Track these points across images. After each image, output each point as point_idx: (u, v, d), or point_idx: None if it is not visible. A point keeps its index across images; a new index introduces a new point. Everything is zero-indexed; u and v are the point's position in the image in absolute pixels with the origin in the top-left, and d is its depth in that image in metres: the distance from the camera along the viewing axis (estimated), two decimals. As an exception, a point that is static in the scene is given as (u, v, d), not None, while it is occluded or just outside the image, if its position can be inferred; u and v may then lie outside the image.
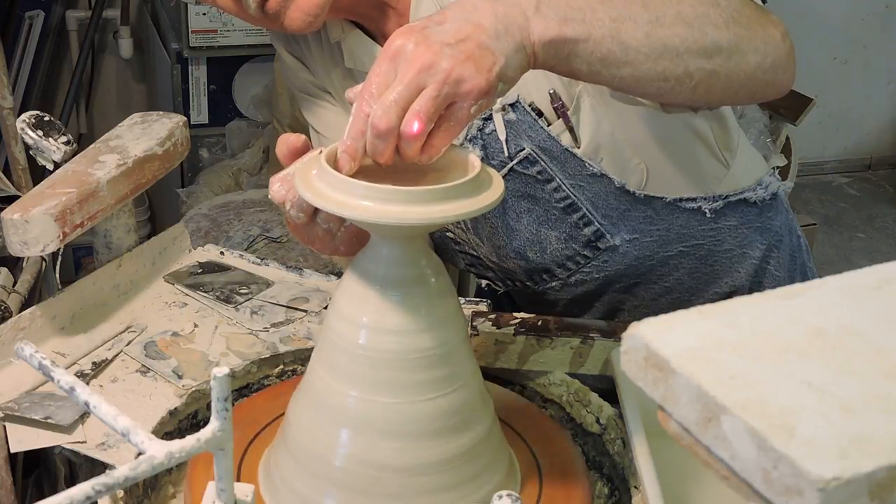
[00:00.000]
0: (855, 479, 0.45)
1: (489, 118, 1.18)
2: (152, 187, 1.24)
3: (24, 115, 1.21)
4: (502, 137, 1.18)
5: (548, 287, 1.30)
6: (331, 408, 0.91)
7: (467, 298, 1.23)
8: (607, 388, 1.07)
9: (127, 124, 1.27)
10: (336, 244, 0.95)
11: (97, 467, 0.97)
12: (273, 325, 1.19)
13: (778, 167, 2.57)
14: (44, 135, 1.20)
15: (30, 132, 1.20)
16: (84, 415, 1.00)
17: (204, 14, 2.67)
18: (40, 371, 0.70)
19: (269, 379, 1.14)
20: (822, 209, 4.08)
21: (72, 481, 1.09)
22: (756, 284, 1.30)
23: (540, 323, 1.11)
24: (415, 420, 0.90)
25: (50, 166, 1.20)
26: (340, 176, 0.85)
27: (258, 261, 1.32)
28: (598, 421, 1.07)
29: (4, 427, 1.00)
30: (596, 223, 1.21)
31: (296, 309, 1.22)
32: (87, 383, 1.06)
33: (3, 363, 1.07)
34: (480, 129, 1.19)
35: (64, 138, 1.20)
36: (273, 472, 0.95)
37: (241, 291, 1.25)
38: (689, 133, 1.23)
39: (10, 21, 2.96)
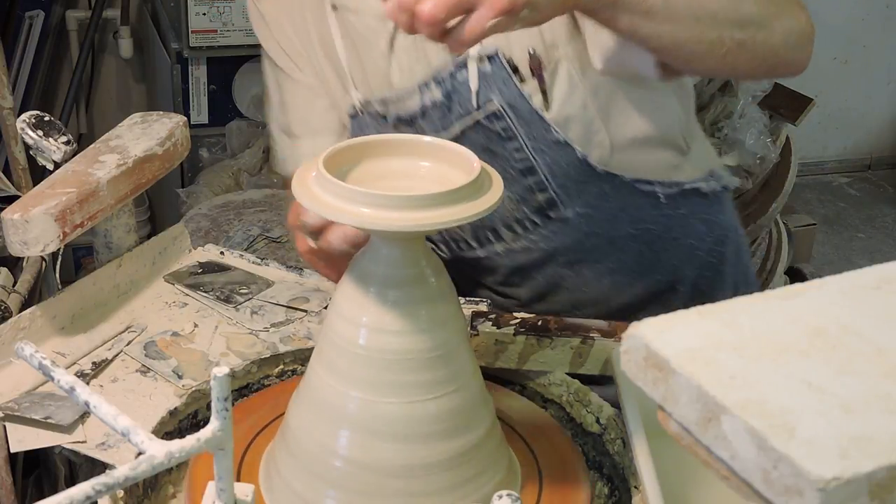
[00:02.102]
0: (855, 479, 0.45)
1: (464, 66, 1.18)
2: (152, 187, 1.24)
3: (24, 115, 1.21)
4: (473, 87, 1.18)
5: (492, 251, 1.28)
6: (331, 408, 0.91)
7: (467, 298, 1.23)
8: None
9: (127, 124, 1.27)
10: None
11: (97, 467, 0.97)
12: (273, 325, 1.19)
13: (729, 166, 2.59)
14: (44, 135, 1.20)
15: (30, 132, 1.20)
16: (84, 415, 1.00)
17: (204, 14, 2.68)
18: (40, 371, 0.70)
19: (269, 379, 1.14)
20: (822, 209, 4.08)
21: (72, 481, 1.09)
22: (700, 278, 1.30)
23: (540, 323, 1.11)
24: (415, 420, 0.90)
25: (50, 166, 1.20)
26: (339, 182, 0.85)
27: (258, 261, 1.32)
28: (598, 421, 1.07)
29: (4, 427, 1.00)
30: (551, 191, 1.21)
31: (296, 309, 1.22)
32: (87, 383, 1.06)
33: (3, 363, 1.07)
34: (452, 75, 1.19)
35: (64, 138, 1.20)
36: (273, 472, 0.95)
37: (241, 291, 1.25)
38: (659, 114, 1.24)
39: (10, 21, 2.95)
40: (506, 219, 1.25)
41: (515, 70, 1.17)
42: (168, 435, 1.02)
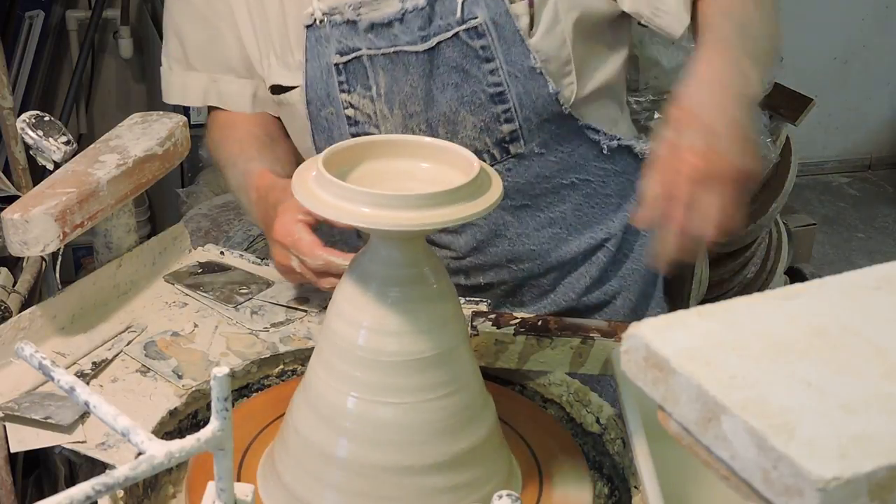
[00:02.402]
0: (855, 479, 0.45)
1: None
2: (152, 187, 1.24)
3: (24, 115, 1.21)
4: (459, 1, 1.18)
5: None
6: (330, 408, 0.91)
7: (467, 298, 1.23)
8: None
9: (127, 124, 1.27)
10: None
11: (97, 467, 0.97)
12: (273, 325, 1.19)
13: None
14: (44, 135, 1.20)
15: (30, 132, 1.20)
16: (84, 415, 1.00)
17: (204, 14, 2.67)
18: (40, 371, 0.70)
19: (269, 379, 1.14)
20: (822, 209, 4.07)
21: (72, 481, 1.09)
22: (624, 238, 1.36)
23: (540, 323, 1.11)
24: (415, 420, 0.90)
25: (50, 166, 1.20)
26: (339, 182, 0.85)
27: (258, 261, 1.32)
28: (598, 421, 1.07)
29: (4, 427, 1.00)
30: (517, 122, 1.23)
31: (296, 309, 1.22)
32: (87, 383, 1.06)
33: (3, 363, 1.07)
34: None
35: (64, 138, 1.20)
36: (273, 473, 0.95)
37: (241, 291, 1.25)
38: (615, 66, 1.29)
39: (10, 21, 2.95)
40: (464, 146, 1.25)
41: None
42: (168, 435, 1.02)
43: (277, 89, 1.30)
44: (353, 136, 1.30)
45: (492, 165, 1.23)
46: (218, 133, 1.38)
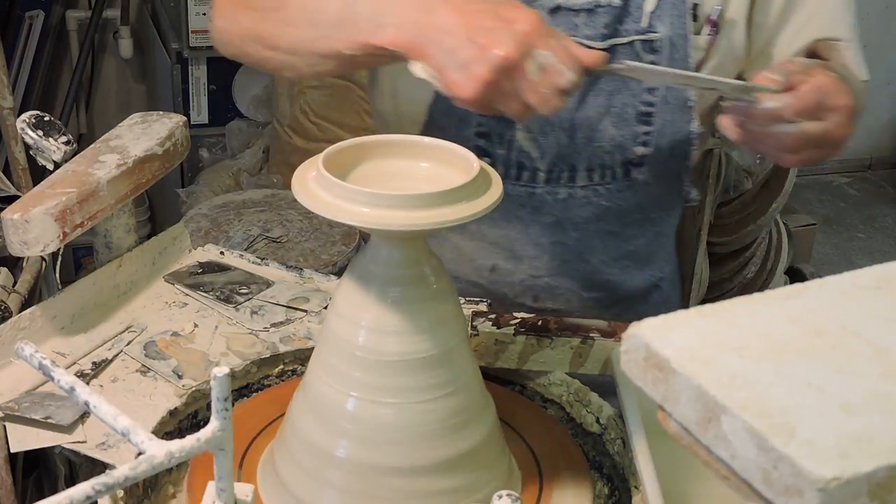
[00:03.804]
0: (855, 479, 0.45)
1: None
2: (152, 187, 1.24)
3: (24, 115, 1.21)
4: (647, 10, 1.16)
5: (554, 189, 1.25)
6: (330, 408, 0.91)
7: (467, 298, 1.23)
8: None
9: (127, 124, 1.27)
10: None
11: (97, 467, 0.97)
12: (273, 325, 1.19)
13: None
14: (44, 135, 1.20)
15: (30, 132, 1.20)
16: (84, 415, 1.00)
17: (204, 14, 2.67)
18: (40, 371, 0.70)
19: (269, 379, 1.14)
20: (822, 209, 4.07)
21: (72, 481, 1.09)
22: (672, 283, 1.39)
23: (540, 323, 1.11)
24: (415, 421, 0.90)
25: (50, 166, 1.20)
26: (340, 182, 0.85)
27: (258, 261, 1.32)
28: (598, 421, 1.07)
29: (4, 427, 1.00)
30: (651, 147, 1.22)
31: (296, 309, 1.22)
32: (87, 383, 1.06)
33: (3, 363, 1.07)
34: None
35: (64, 138, 1.20)
36: (273, 473, 0.95)
37: (241, 291, 1.25)
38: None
39: (10, 21, 2.95)
40: (592, 160, 1.23)
41: (695, 16, 1.17)
42: (168, 435, 1.02)
43: None
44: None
45: (606, 185, 1.24)
46: None
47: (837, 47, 1.21)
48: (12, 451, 0.99)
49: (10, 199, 1.39)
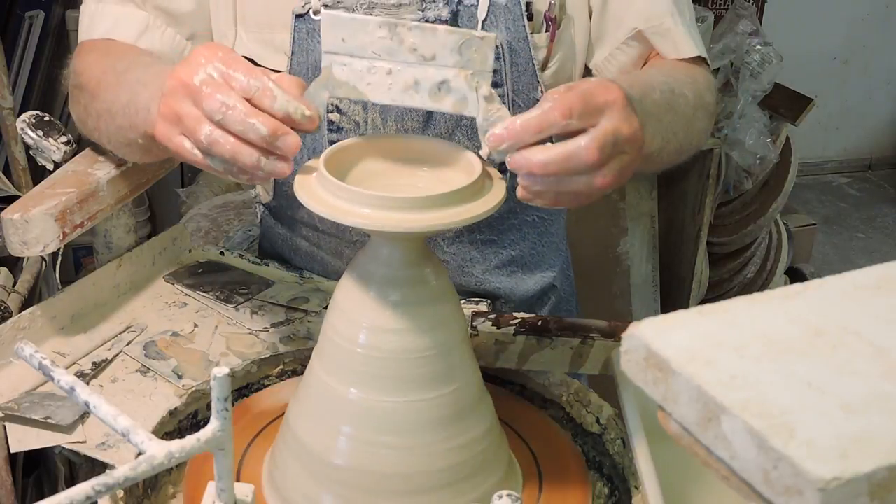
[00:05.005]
0: (855, 479, 0.45)
1: None
2: (152, 187, 1.24)
3: (24, 115, 1.21)
4: (481, 17, 1.14)
5: None
6: (330, 407, 0.91)
7: (467, 298, 1.23)
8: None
9: (127, 124, 1.27)
10: None
11: (97, 467, 0.97)
12: (273, 325, 1.19)
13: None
14: (44, 135, 1.20)
15: (30, 132, 1.20)
16: (84, 415, 1.00)
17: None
18: (40, 371, 0.70)
19: (269, 379, 1.14)
20: (822, 209, 4.08)
21: (72, 481, 1.09)
22: (563, 288, 1.40)
23: (540, 323, 1.11)
24: (414, 420, 0.90)
25: (50, 166, 1.20)
26: (340, 183, 0.85)
27: (258, 261, 1.32)
28: (598, 421, 1.07)
29: (4, 427, 1.00)
30: None
31: (296, 309, 1.22)
32: (87, 383, 1.06)
33: (3, 363, 1.07)
34: None
35: (64, 138, 1.20)
36: (273, 472, 0.95)
37: (241, 291, 1.25)
38: None
39: (10, 21, 2.95)
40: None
41: (531, 16, 1.16)
42: (168, 435, 1.02)
43: None
44: (331, 143, 1.17)
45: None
46: (97, 54, 1.17)
47: (664, 31, 1.19)
48: (12, 451, 0.99)
49: (10, 199, 1.39)
